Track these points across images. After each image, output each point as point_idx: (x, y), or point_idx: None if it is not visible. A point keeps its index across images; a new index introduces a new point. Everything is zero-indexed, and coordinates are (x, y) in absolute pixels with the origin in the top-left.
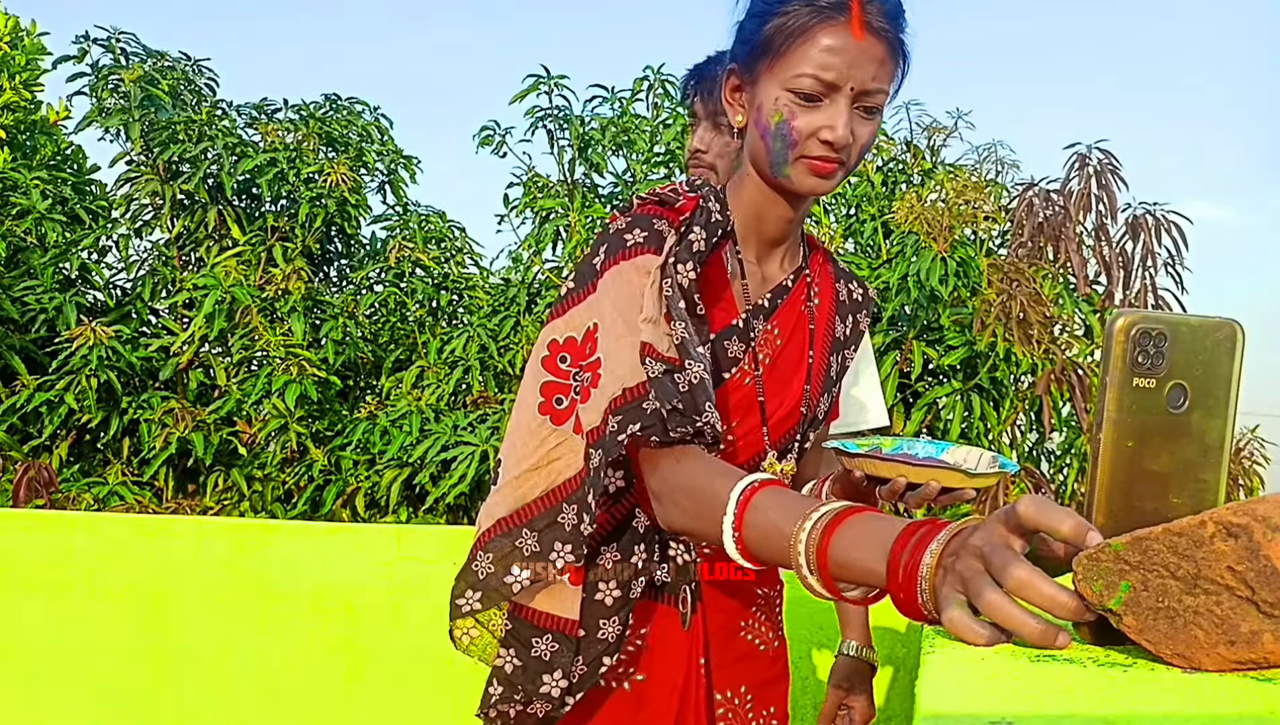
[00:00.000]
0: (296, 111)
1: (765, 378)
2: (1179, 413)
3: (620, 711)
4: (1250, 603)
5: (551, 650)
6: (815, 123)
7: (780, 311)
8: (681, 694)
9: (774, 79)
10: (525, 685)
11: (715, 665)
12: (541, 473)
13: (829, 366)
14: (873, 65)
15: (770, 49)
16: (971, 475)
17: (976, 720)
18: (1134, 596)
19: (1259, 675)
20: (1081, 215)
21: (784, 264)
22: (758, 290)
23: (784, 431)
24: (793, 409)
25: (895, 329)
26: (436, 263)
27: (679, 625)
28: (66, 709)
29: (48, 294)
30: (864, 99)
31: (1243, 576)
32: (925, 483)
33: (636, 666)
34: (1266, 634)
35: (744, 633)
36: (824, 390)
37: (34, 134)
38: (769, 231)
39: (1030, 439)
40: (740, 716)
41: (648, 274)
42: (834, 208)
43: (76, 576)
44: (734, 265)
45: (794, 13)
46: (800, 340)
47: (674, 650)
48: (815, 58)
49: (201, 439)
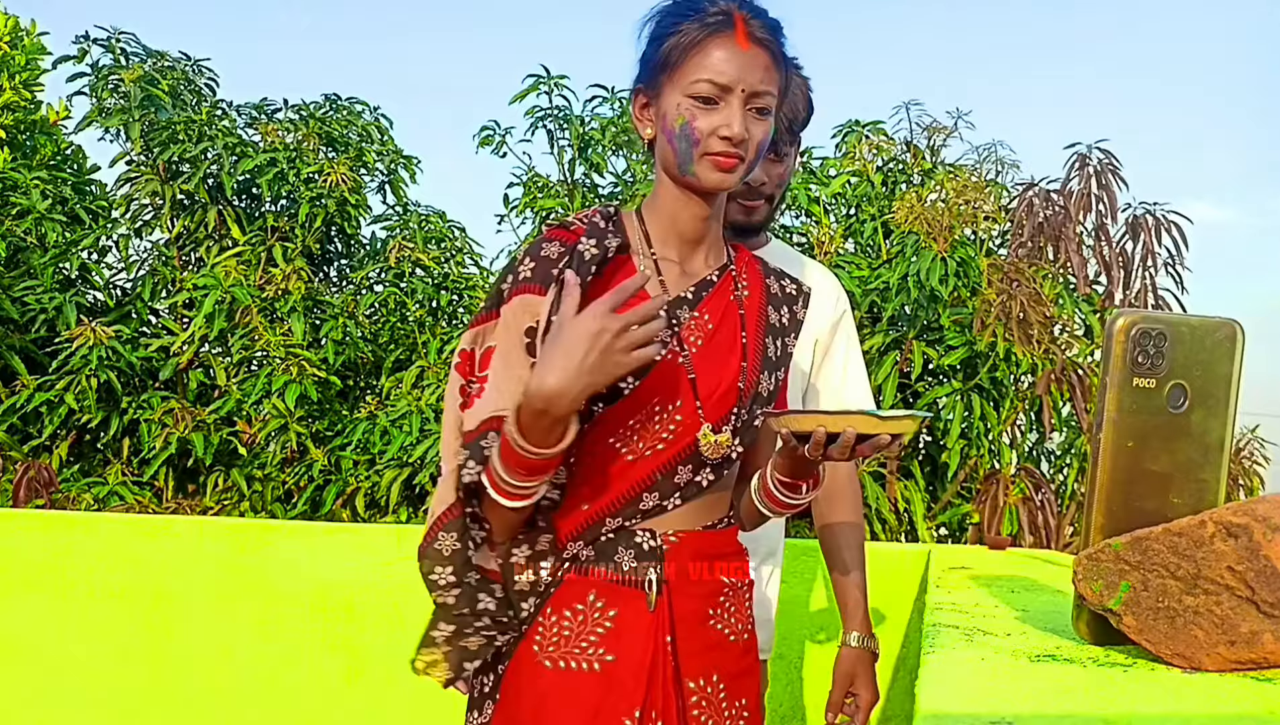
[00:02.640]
0: (296, 111)
1: (696, 358)
2: (1179, 413)
3: (590, 692)
4: (1250, 603)
5: (485, 584)
6: (714, 122)
7: (707, 301)
8: (650, 673)
9: (675, 88)
10: (465, 607)
11: (685, 652)
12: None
13: (766, 348)
14: (760, 70)
15: (669, 63)
16: (883, 419)
17: (976, 720)
18: (1134, 596)
19: (1259, 675)
20: (1081, 215)
21: (708, 261)
22: (678, 284)
23: (724, 408)
24: (730, 386)
25: (895, 329)
26: (436, 263)
27: (645, 608)
28: (66, 709)
29: (48, 294)
30: (755, 100)
31: (1243, 576)
32: (842, 431)
33: (606, 648)
34: (1266, 634)
35: (713, 621)
36: (763, 369)
37: (34, 134)
38: (687, 232)
39: (1030, 439)
40: (714, 706)
41: (531, 315)
42: (834, 208)
43: (76, 576)
44: (647, 266)
45: (686, 30)
46: (732, 324)
47: (640, 631)
48: (709, 65)
49: (201, 439)
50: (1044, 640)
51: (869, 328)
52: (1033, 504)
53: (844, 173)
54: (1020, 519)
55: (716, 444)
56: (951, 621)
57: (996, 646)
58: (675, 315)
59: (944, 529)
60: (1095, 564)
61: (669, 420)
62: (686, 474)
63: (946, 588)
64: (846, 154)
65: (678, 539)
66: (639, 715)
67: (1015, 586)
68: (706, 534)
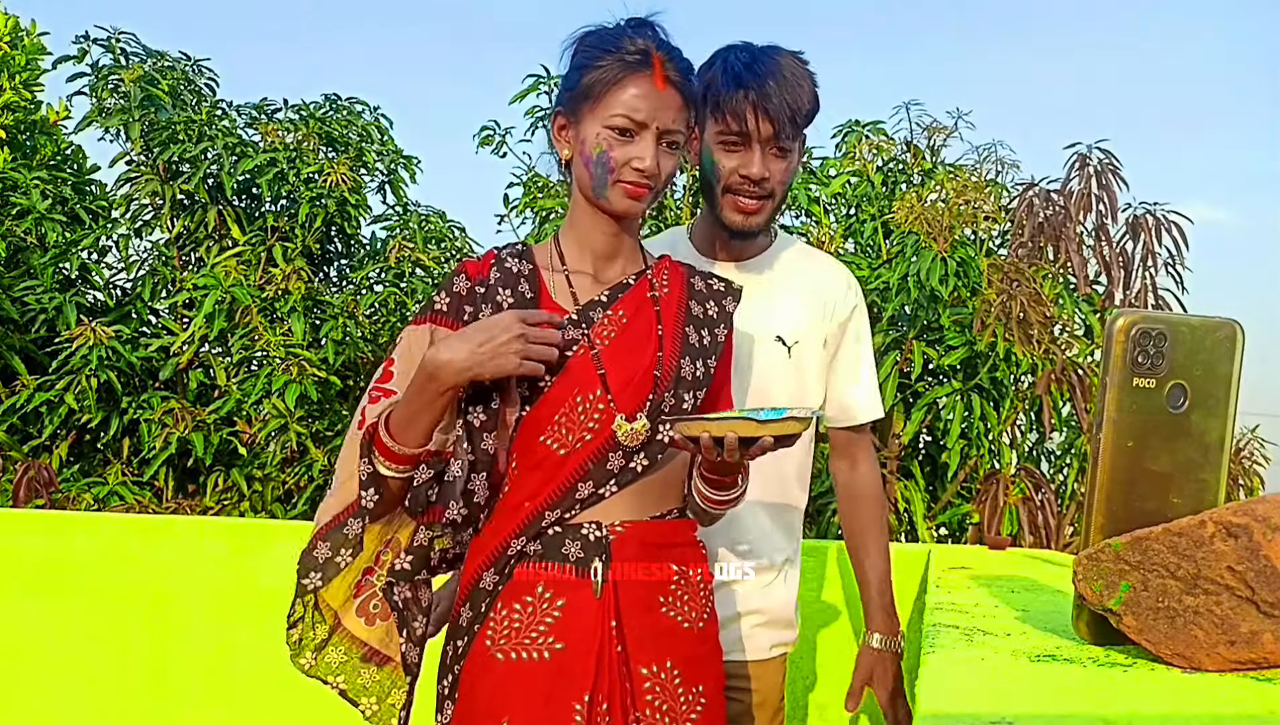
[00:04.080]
0: (296, 111)
1: (606, 353)
2: (1179, 413)
3: (540, 680)
4: (1250, 603)
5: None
6: (629, 154)
7: (622, 301)
8: (598, 658)
9: (594, 119)
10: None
11: (635, 639)
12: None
13: (687, 337)
14: (672, 110)
15: (589, 95)
16: (762, 423)
17: (976, 720)
18: (1134, 596)
19: (1259, 675)
20: (1082, 215)
21: (625, 268)
22: (590, 291)
23: (640, 397)
24: (645, 373)
25: (895, 329)
26: (436, 263)
27: (592, 596)
28: (66, 709)
29: (48, 294)
30: (667, 136)
31: (1243, 576)
32: (724, 435)
33: (555, 636)
34: (1266, 634)
35: (665, 609)
36: (683, 354)
37: (34, 134)
38: (599, 247)
39: (1030, 439)
40: (669, 691)
41: (424, 347)
42: (834, 208)
43: (76, 576)
44: (557, 281)
45: (607, 66)
46: (646, 318)
47: (587, 619)
48: (626, 102)
49: (201, 439)
50: (1044, 640)
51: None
52: (1033, 504)
53: (844, 173)
54: (1020, 519)
55: (633, 432)
56: (951, 621)
57: (996, 646)
58: (588, 316)
59: (944, 529)
60: (1095, 564)
61: (590, 413)
62: (619, 461)
63: (946, 588)
64: (846, 154)
65: (624, 529)
66: (588, 700)
67: (1015, 586)
68: (654, 524)
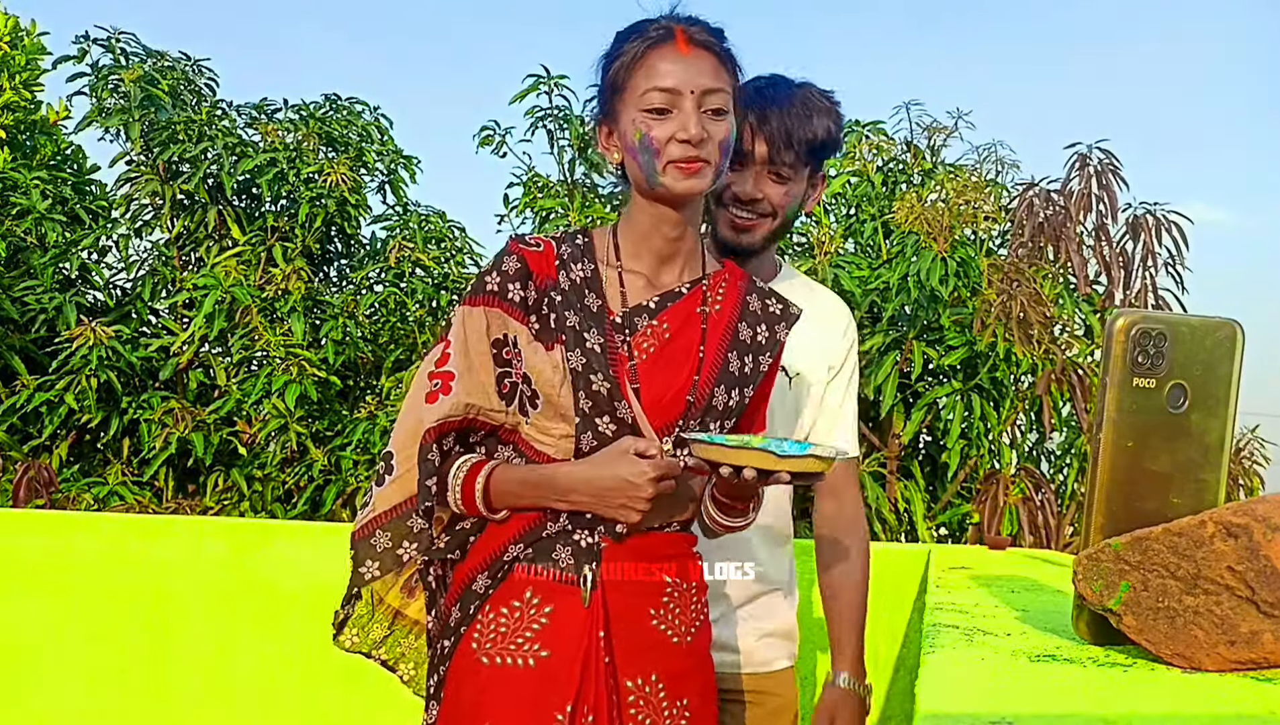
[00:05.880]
0: (296, 111)
1: (643, 367)
2: (1179, 413)
3: (525, 686)
4: (1250, 603)
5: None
6: (670, 129)
7: (669, 311)
8: (583, 667)
9: (628, 106)
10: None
11: (622, 650)
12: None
13: (727, 363)
14: (706, 71)
15: (619, 84)
16: (782, 457)
17: (976, 720)
18: (1134, 596)
19: (1259, 675)
20: (1082, 215)
21: (682, 275)
22: (640, 294)
23: (668, 418)
24: (676, 396)
25: (895, 329)
26: (436, 263)
27: (580, 604)
28: (67, 709)
29: (48, 294)
30: (707, 100)
31: (1243, 576)
32: (743, 466)
33: (541, 643)
34: (1266, 634)
35: (654, 621)
36: (718, 383)
37: (34, 134)
38: (658, 247)
39: (1030, 439)
40: (653, 705)
41: (499, 327)
42: (834, 208)
43: (76, 576)
44: (609, 276)
45: (629, 49)
46: (690, 336)
47: (575, 627)
48: (654, 74)
49: (201, 439)
50: (1044, 640)
51: (869, 328)
52: (1033, 504)
53: (844, 173)
54: (1020, 519)
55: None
56: (951, 621)
57: (996, 646)
58: (632, 322)
59: (944, 529)
60: (1095, 564)
61: (621, 424)
62: None
63: (946, 588)
64: (847, 154)
65: (618, 537)
66: (570, 710)
67: (1015, 586)
68: (650, 534)
